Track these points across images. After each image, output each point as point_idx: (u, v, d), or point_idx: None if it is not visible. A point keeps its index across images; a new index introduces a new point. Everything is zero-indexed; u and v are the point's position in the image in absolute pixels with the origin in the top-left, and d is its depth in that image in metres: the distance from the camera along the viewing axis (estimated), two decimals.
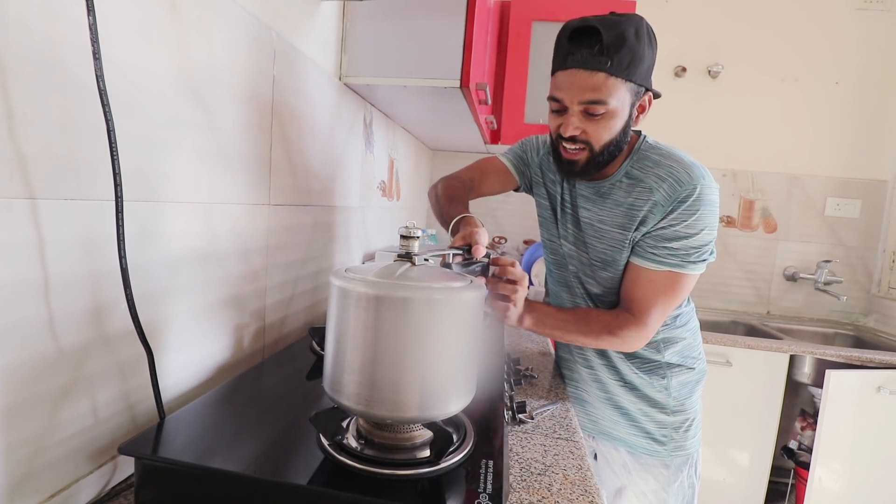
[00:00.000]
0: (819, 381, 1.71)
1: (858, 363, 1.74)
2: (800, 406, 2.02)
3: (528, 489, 0.60)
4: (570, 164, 0.86)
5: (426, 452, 0.55)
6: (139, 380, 0.60)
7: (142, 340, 0.56)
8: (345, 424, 0.59)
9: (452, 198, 0.98)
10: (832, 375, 1.64)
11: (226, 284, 0.77)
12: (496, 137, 1.76)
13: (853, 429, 1.69)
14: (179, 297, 0.66)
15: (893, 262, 2.22)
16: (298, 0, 0.93)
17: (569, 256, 1.01)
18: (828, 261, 2.27)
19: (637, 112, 0.84)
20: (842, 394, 1.65)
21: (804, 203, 2.33)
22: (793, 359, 1.82)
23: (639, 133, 0.92)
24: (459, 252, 0.75)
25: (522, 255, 2.35)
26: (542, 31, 1.66)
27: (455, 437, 0.57)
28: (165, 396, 0.63)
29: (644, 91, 0.82)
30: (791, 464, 1.97)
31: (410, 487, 0.50)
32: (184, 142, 0.65)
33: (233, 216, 0.78)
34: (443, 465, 0.52)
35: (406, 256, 0.59)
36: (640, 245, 0.87)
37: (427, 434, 0.57)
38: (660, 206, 0.84)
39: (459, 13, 1.08)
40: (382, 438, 0.56)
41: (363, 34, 1.14)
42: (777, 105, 2.30)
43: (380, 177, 1.61)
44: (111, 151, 0.49)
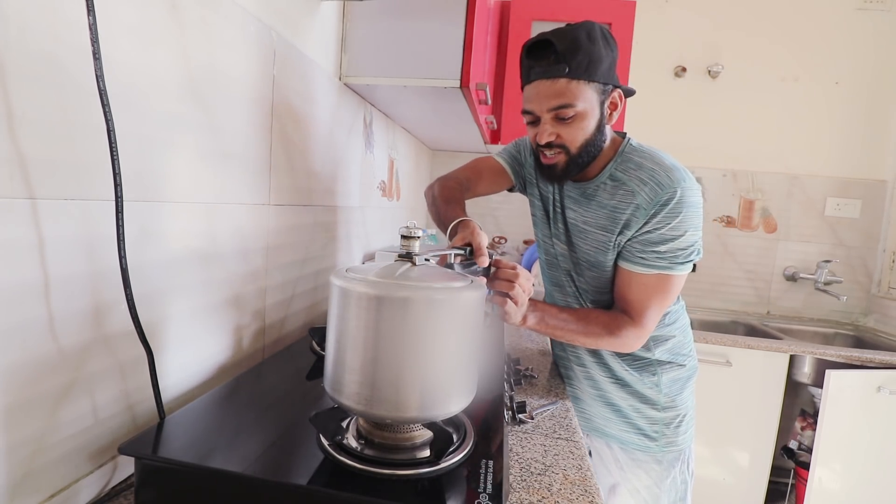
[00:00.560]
0: (819, 381, 1.71)
1: (858, 363, 1.73)
2: (800, 406, 2.02)
3: (528, 489, 0.60)
4: (551, 169, 0.89)
5: (426, 452, 0.55)
6: (139, 380, 0.60)
7: (142, 340, 0.56)
8: (345, 424, 0.59)
9: (449, 199, 0.99)
10: (832, 375, 1.64)
11: (226, 284, 0.77)
12: (496, 137, 1.76)
13: (853, 429, 1.68)
14: (179, 297, 0.66)
15: (893, 262, 2.22)
16: (298, 0, 0.93)
17: (561, 256, 1.02)
18: (828, 261, 2.26)
19: (609, 110, 0.87)
20: (842, 394, 1.65)
21: (804, 203, 2.33)
22: (793, 359, 1.82)
23: (623, 135, 0.94)
24: (460, 252, 0.75)
25: (522, 255, 2.36)
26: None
27: (455, 437, 0.58)
28: (165, 396, 0.63)
29: (612, 88, 0.85)
30: (791, 464, 1.97)
31: (410, 487, 0.50)
32: (184, 142, 0.65)
33: (233, 216, 0.78)
34: (443, 465, 0.52)
35: (406, 256, 0.59)
36: (629, 250, 0.89)
37: (427, 434, 0.57)
38: (642, 210, 0.86)
39: (459, 13, 1.08)
40: (382, 438, 0.56)
41: (363, 34, 1.14)
42: (777, 105, 2.30)
43: (380, 177, 1.61)
44: (111, 151, 0.49)
